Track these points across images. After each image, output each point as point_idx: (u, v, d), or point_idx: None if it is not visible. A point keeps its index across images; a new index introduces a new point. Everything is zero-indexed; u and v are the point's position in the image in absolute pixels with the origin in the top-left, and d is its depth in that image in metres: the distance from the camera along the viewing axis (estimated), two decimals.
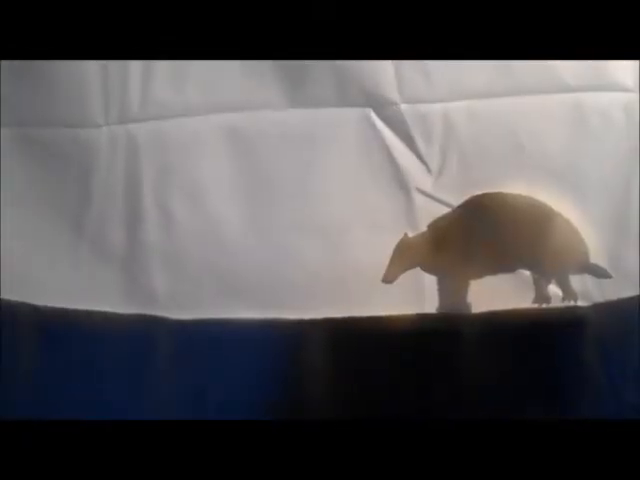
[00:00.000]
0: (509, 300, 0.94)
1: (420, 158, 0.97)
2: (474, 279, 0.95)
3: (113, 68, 0.97)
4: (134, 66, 0.97)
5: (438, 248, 0.96)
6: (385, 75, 0.96)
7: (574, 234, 0.95)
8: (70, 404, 0.89)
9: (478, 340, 0.92)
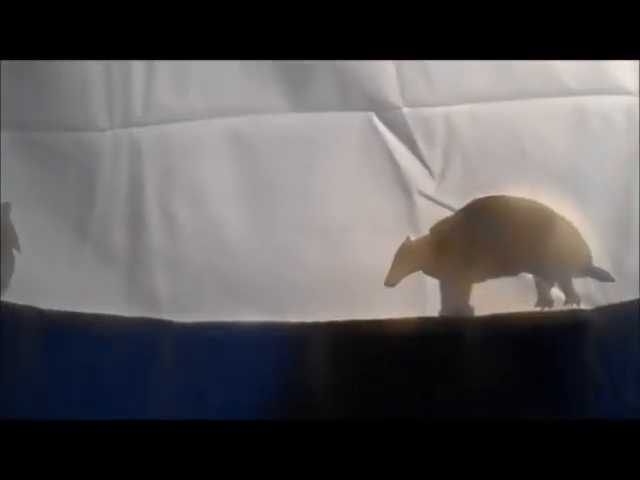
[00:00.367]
0: (511, 303, 0.94)
1: (422, 161, 0.97)
2: (476, 282, 0.95)
3: (116, 72, 0.97)
4: (137, 70, 0.97)
5: (440, 251, 0.96)
6: (387, 79, 0.96)
7: (576, 237, 0.95)
8: (72, 406, 0.89)
9: (481, 343, 0.92)
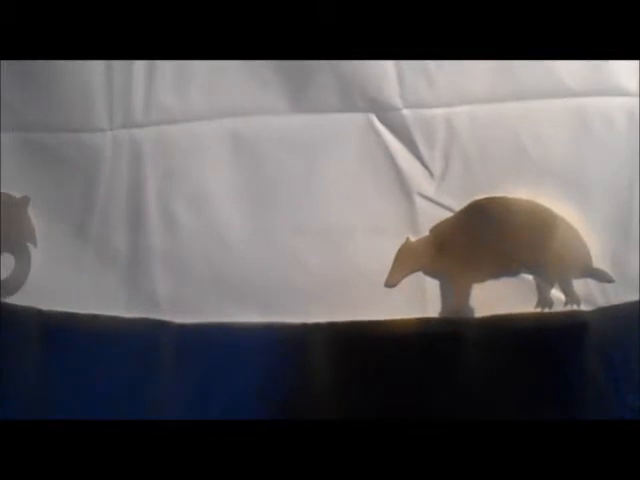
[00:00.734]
0: (512, 304, 0.94)
1: (423, 163, 0.97)
2: (476, 283, 0.95)
3: (116, 72, 0.97)
4: (137, 70, 0.97)
5: (440, 252, 0.96)
6: (387, 80, 0.96)
7: (577, 238, 0.95)
8: (72, 406, 0.89)
9: (481, 344, 0.91)
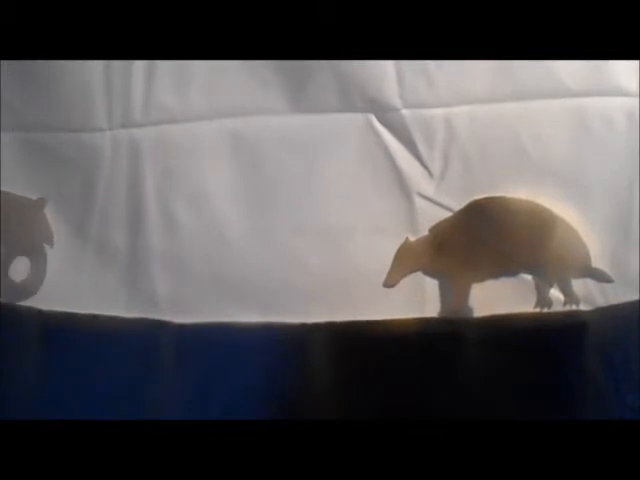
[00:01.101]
0: (511, 304, 0.94)
1: (422, 163, 0.97)
2: (475, 283, 0.95)
3: (116, 72, 0.98)
4: (137, 70, 0.98)
5: (439, 252, 0.96)
6: (387, 80, 0.96)
7: (576, 238, 0.95)
8: (72, 406, 0.89)
9: (480, 343, 0.91)
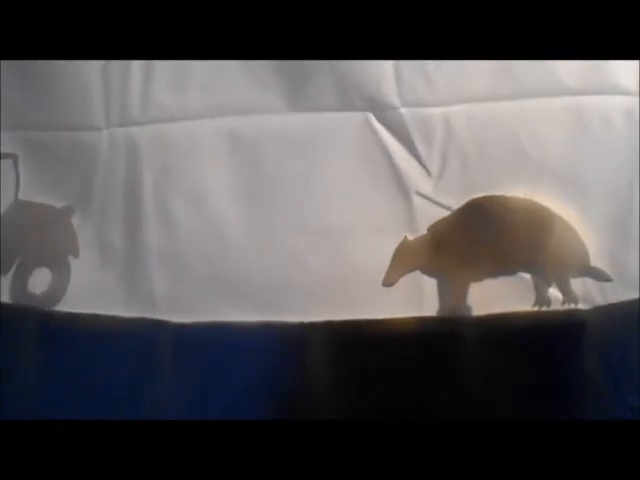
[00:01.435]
0: (509, 303, 0.93)
1: (420, 162, 0.97)
2: (474, 282, 0.95)
3: (113, 70, 0.98)
4: (135, 68, 0.98)
5: (438, 251, 0.95)
6: (385, 79, 0.96)
7: (574, 237, 0.95)
8: (71, 406, 0.89)
9: (478, 342, 0.91)
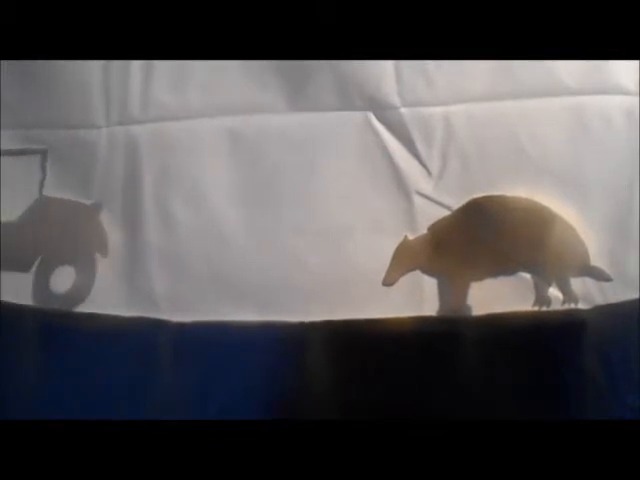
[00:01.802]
0: (509, 302, 0.93)
1: (420, 161, 0.97)
2: (474, 281, 0.95)
3: (114, 69, 0.98)
4: (135, 67, 0.98)
5: (438, 250, 0.95)
6: (385, 78, 0.96)
7: (574, 237, 0.95)
8: (70, 406, 0.89)
9: (478, 342, 0.91)
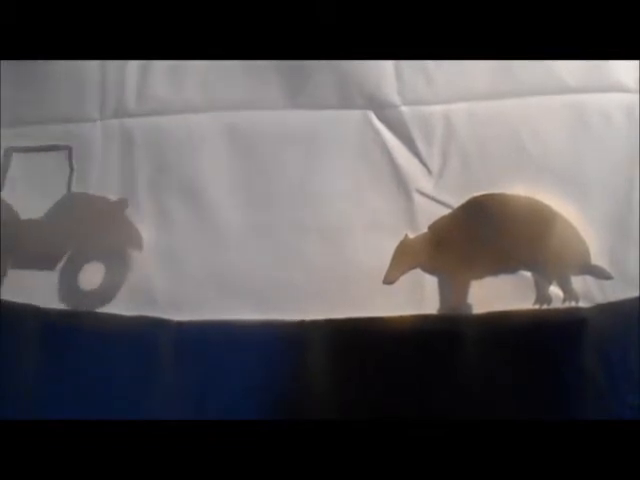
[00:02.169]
0: (510, 301, 0.93)
1: (421, 160, 0.97)
2: (475, 280, 0.95)
3: (111, 62, 0.98)
4: (132, 61, 0.98)
5: (439, 249, 0.95)
6: (385, 77, 0.97)
7: (575, 235, 0.95)
8: (70, 405, 0.89)
9: (479, 341, 0.91)
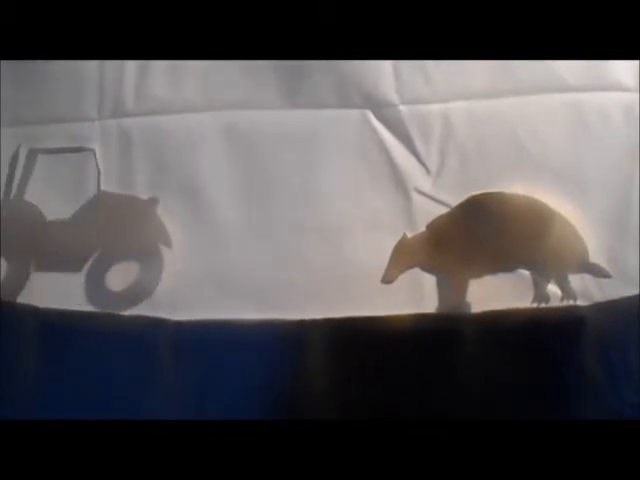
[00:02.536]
0: (508, 299, 0.94)
1: (419, 159, 0.97)
2: (473, 278, 0.95)
3: (109, 62, 0.98)
4: (130, 61, 0.98)
5: (437, 248, 0.96)
6: (384, 76, 0.97)
7: (573, 233, 0.95)
8: (70, 405, 0.89)
9: (477, 339, 0.91)
